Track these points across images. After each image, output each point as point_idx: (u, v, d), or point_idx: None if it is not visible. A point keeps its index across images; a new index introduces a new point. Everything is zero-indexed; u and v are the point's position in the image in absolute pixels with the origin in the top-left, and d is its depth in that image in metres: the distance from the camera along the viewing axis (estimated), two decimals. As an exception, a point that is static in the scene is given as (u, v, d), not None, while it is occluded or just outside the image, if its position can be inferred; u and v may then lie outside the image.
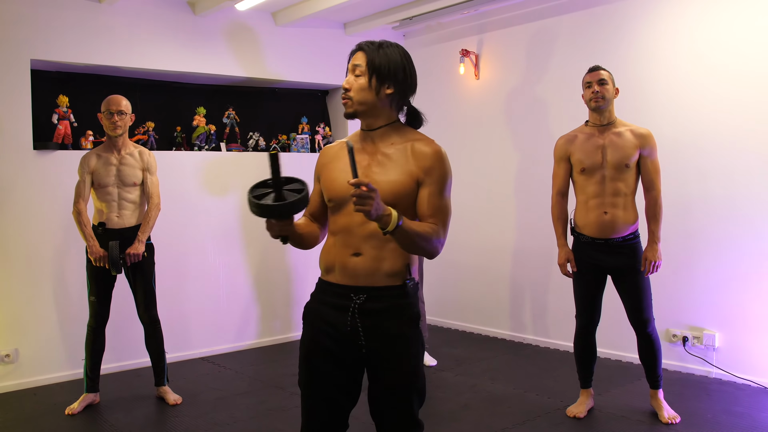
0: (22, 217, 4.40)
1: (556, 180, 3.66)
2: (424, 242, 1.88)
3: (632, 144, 3.41)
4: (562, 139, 3.63)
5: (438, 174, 1.96)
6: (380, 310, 1.97)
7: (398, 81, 2.04)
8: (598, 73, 3.45)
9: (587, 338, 3.66)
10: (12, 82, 4.35)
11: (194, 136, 5.24)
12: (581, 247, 3.57)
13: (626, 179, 3.43)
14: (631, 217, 3.45)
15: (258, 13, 5.39)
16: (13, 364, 4.36)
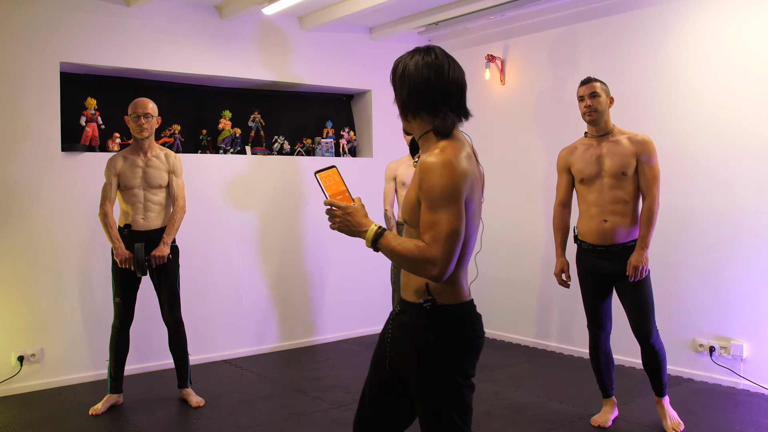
0: (49, 218, 4.46)
1: (558, 191, 3.72)
2: (404, 261, 1.79)
3: (629, 151, 3.42)
4: (564, 151, 3.68)
5: (425, 187, 1.81)
6: (403, 325, 1.97)
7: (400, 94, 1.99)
8: (591, 86, 3.47)
9: (600, 347, 3.63)
10: (41, 85, 4.42)
11: (219, 139, 5.28)
12: (583, 254, 3.60)
13: (625, 187, 3.44)
14: (630, 224, 3.46)
15: (284, 18, 5.41)
16: (38, 364, 4.41)
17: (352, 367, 4.89)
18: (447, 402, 1.90)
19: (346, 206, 1.86)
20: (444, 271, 1.78)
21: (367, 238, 1.83)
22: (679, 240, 4.46)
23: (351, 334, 5.82)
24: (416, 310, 1.92)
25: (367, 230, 1.84)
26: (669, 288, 4.46)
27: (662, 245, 4.38)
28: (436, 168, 1.80)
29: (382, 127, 5.98)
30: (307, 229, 5.57)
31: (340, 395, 4.21)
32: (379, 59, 5.94)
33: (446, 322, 1.91)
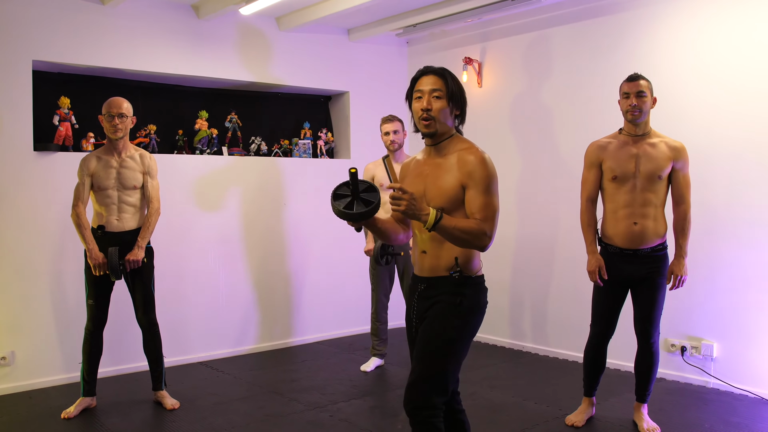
0: (21, 218, 4.39)
1: (585, 186, 3.58)
2: (465, 235, 2.23)
3: (666, 156, 3.38)
4: (594, 145, 3.56)
5: (480, 176, 2.29)
6: (431, 296, 2.40)
7: (463, 105, 2.43)
8: (637, 84, 3.37)
9: (600, 347, 3.62)
10: (13, 83, 4.35)
11: (196, 140, 5.24)
12: (609, 257, 3.51)
13: (657, 190, 3.39)
14: (660, 228, 3.42)
15: (262, 18, 5.39)
16: (9, 367, 4.34)
17: (329, 368, 4.88)
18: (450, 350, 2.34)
19: (412, 192, 2.18)
20: (492, 241, 2.31)
21: (430, 221, 2.19)
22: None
23: (328, 336, 5.81)
24: (447, 281, 2.36)
25: (429, 213, 2.20)
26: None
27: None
28: (487, 161, 2.33)
29: (359, 129, 5.98)
30: (285, 231, 5.55)
31: (316, 396, 4.20)
32: (357, 61, 5.95)
33: (471, 289, 2.38)
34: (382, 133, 4.67)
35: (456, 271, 2.34)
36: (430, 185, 2.37)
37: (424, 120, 2.35)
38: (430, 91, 2.35)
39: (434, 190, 2.35)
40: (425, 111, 2.34)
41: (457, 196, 2.32)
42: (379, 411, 4.00)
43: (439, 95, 2.34)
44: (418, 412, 2.31)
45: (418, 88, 2.37)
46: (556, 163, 5.11)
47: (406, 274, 4.71)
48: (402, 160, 4.72)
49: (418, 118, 2.37)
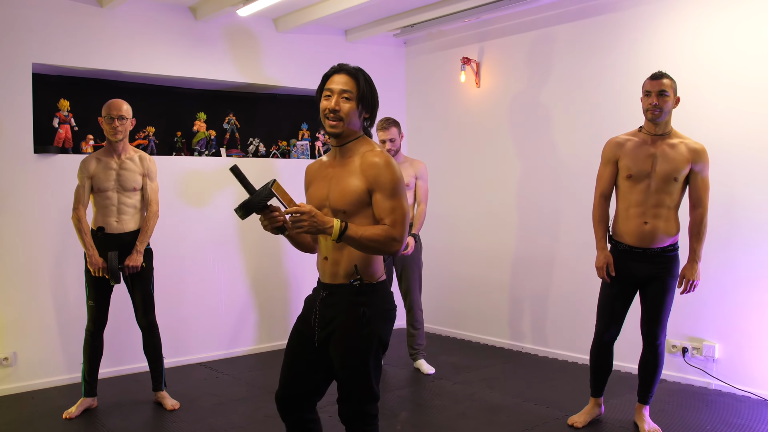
0: (22, 221, 4.40)
1: (600, 182, 3.56)
2: (373, 243, 2.19)
3: (684, 158, 3.34)
4: (612, 142, 3.52)
5: (384, 180, 2.23)
6: (333, 305, 2.33)
7: (374, 108, 2.37)
8: (660, 83, 3.32)
9: (604, 347, 3.59)
10: (13, 86, 4.36)
11: (194, 142, 5.25)
12: (618, 255, 3.49)
13: (672, 192, 3.36)
14: (672, 229, 3.39)
15: (259, 19, 5.40)
16: (11, 368, 4.36)
17: (329, 369, 4.88)
18: (368, 362, 2.31)
19: (309, 209, 2.11)
20: (403, 245, 2.25)
21: (334, 232, 2.14)
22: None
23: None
24: (347, 289, 2.30)
25: (332, 225, 2.15)
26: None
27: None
28: (392, 164, 2.26)
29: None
30: (284, 231, 5.55)
31: (316, 397, 4.20)
32: (354, 61, 5.85)
33: (372, 297, 2.31)
34: (379, 139, 4.66)
35: (356, 279, 2.28)
36: (333, 188, 2.30)
37: (330, 120, 2.27)
38: (340, 91, 2.27)
39: (337, 193, 2.28)
40: (332, 112, 2.26)
41: (361, 199, 2.25)
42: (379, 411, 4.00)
43: (348, 96, 2.27)
44: (354, 425, 2.36)
45: (328, 87, 2.29)
46: (555, 164, 5.11)
47: (405, 275, 4.71)
48: (399, 161, 4.72)
49: (323, 116, 2.29)
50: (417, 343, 4.80)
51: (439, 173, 5.87)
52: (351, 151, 2.31)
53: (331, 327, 2.33)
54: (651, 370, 3.52)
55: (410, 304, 4.75)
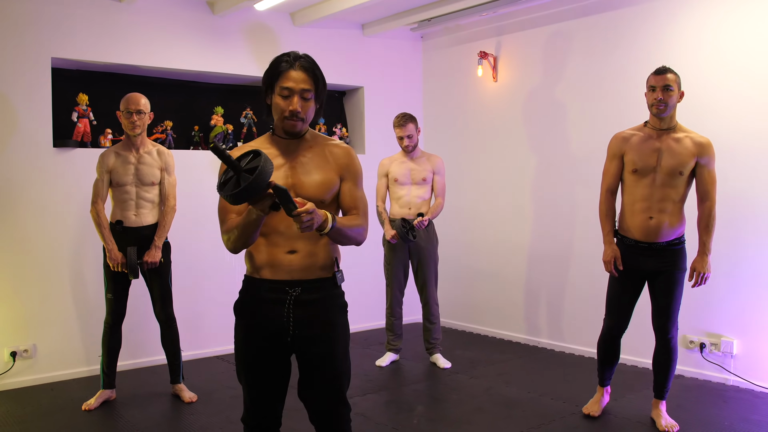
0: (41, 214, 4.45)
1: (606, 177, 3.57)
2: (353, 233, 2.14)
3: (689, 152, 3.34)
4: (618, 137, 3.52)
5: (355, 169, 2.24)
6: (314, 301, 2.18)
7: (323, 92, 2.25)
8: (664, 78, 3.32)
9: (613, 340, 3.61)
10: (33, 80, 4.40)
11: (212, 136, 5.27)
12: (624, 249, 3.50)
13: (677, 186, 3.36)
14: (677, 223, 3.39)
15: (276, 14, 5.41)
16: (31, 359, 4.41)
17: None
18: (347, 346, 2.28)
19: (310, 207, 1.93)
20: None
21: (329, 224, 2.03)
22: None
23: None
24: (329, 282, 2.22)
25: (327, 218, 2.02)
26: (659, 284, 4.49)
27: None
28: (355, 154, 2.28)
29: (374, 124, 5.98)
30: (300, 226, 5.56)
31: (332, 391, 4.22)
32: (371, 56, 5.94)
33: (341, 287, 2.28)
34: (396, 136, 4.67)
35: (339, 271, 2.23)
36: (304, 178, 2.14)
37: (292, 121, 2.12)
38: (301, 91, 2.11)
39: (311, 185, 2.14)
40: (295, 114, 2.11)
41: (335, 188, 2.19)
42: (395, 405, 4.02)
43: (308, 96, 2.13)
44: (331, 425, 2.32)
45: (285, 85, 2.10)
46: (571, 158, 5.08)
47: (421, 269, 4.71)
48: (417, 156, 4.73)
49: (281, 116, 2.13)
50: (433, 337, 4.80)
51: (455, 167, 5.86)
52: (310, 142, 2.21)
53: (314, 327, 2.18)
54: (664, 364, 3.51)
55: (426, 299, 4.75)
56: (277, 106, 2.14)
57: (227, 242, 2.17)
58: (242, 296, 2.28)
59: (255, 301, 2.21)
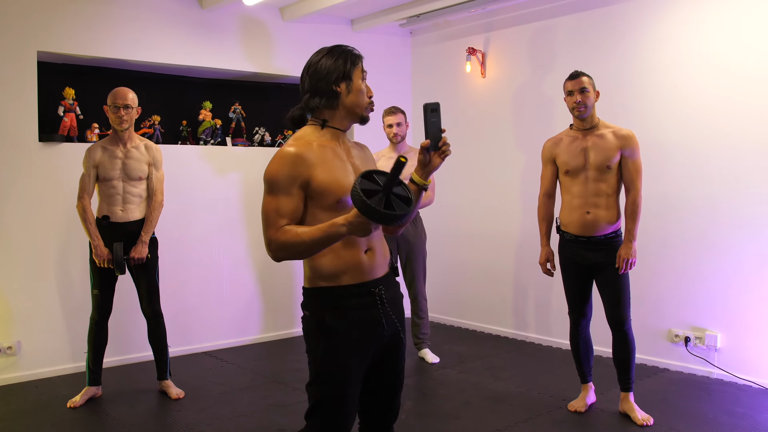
0: (27, 209, 4.41)
1: (543, 181, 3.77)
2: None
3: (614, 146, 3.49)
4: (549, 142, 3.72)
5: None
6: (393, 298, 2.11)
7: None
8: (579, 81, 3.49)
9: (580, 334, 3.73)
10: (18, 74, 4.36)
11: (200, 131, 5.25)
12: (566, 244, 3.67)
13: (608, 180, 3.51)
14: (613, 216, 3.53)
15: (265, 8, 5.38)
16: (15, 356, 4.37)
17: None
18: None
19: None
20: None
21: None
22: (656, 232, 4.52)
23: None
24: (393, 276, 2.17)
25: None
26: (646, 279, 4.53)
27: (639, 237, 4.41)
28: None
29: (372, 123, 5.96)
30: (288, 221, 5.55)
31: (320, 386, 4.22)
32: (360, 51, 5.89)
33: None
34: (385, 125, 4.67)
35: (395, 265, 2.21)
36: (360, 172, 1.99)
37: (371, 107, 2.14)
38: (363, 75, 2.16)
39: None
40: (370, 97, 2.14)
41: None
42: (383, 400, 4.02)
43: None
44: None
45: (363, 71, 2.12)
46: (560, 154, 5.09)
47: (409, 264, 4.72)
48: (404, 151, 4.73)
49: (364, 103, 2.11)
50: (421, 332, 4.81)
51: (444, 163, 5.84)
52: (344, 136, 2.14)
53: (400, 325, 2.10)
54: (624, 356, 3.58)
55: (415, 293, 4.76)
56: (362, 92, 2.08)
57: (281, 251, 1.90)
58: (324, 312, 2.00)
59: (345, 312, 2.00)
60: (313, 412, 2.04)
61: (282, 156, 1.93)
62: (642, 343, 4.51)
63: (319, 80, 2.04)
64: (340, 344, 1.99)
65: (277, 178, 1.92)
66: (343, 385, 2.00)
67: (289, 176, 1.91)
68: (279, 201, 1.90)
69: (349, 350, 2.00)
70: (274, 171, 1.92)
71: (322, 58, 2.07)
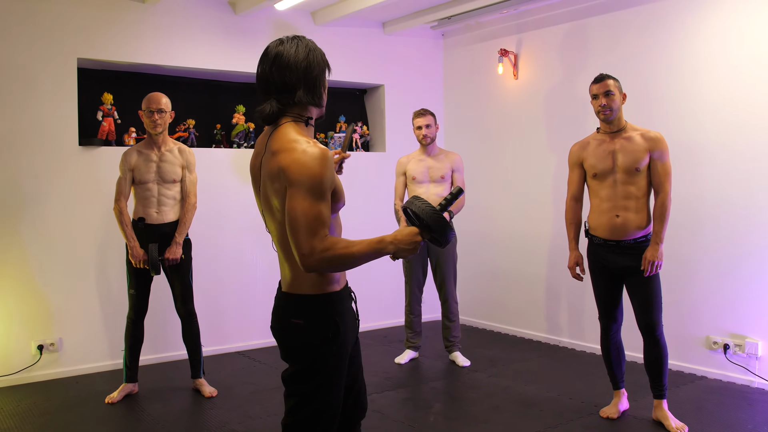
0: (67, 211, 4.54)
1: (570, 186, 3.75)
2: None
3: (642, 148, 3.44)
4: (576, 146, 3.70)
5: None
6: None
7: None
8: (605, 84, 3.47)
9: (611, 339, 3.67)
10: (59, 80, 4.49)
11: (233, 134, 5.33)
12: (594, 248, 3.62)
13: (637, 182, 3.47)
14: (643, 220, 3.48)
15: (297, 13, 5.44)
16: (57, 353, 4.51)
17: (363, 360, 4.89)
18: None
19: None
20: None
21: None
22: (694, 236, 4.42)
23: (363, 328, 5.83)
24: None
25: None
26: (683, 284, 4.43)
27: (676, 241, 4.36)
28: None
29: (395, 122, 5.99)
30: (321, 223, 5.60)
31: (350, 388, 4.24)
32: (392, 54, 5.95)
33: None
34: (414, 127, 4.68)
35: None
36: None
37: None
38: None
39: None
40: None
41: None
42: (412, 403, 4.02)
43: None
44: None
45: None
46: (594, 156, 5.02)
47: (439, 267, 4.71)
48: (434, 153, 4.72)
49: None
50: (452, 335, 4.80)
51: (476, 165, 5.84)
52: None
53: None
54: (656, 362, 3.52)
55: (445, 296, 4.75)
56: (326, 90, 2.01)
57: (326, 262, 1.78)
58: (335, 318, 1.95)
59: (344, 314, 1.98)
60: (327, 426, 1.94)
61: (323, 157, 1.78)
62: (678, 349, 4.43)
63: (312, 75, 1.91)
64: (345, 350, 1.97)
65: (322, 181, 1.76)
66: (341, 391, 1.97)
67: (330, 179, 1.81)
68: (321, 206, 1.76)
69: (347, 354, 1.99)
70: (318, 173, 1.75)
71: (308, 51, 1.91)
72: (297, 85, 1.88)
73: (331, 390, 1.94)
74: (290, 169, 1.76)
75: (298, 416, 1.93)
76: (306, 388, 1.92)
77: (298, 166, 1.76)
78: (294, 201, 1.75)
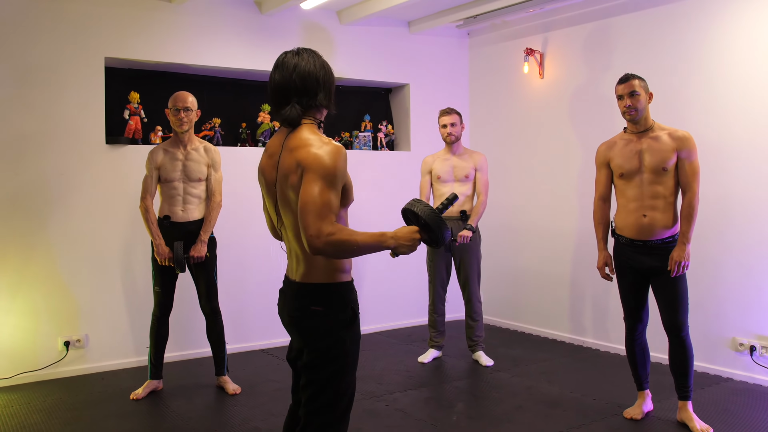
0: (94, 208, 4.60)
1: (598, 186, 3.73)
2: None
3: (669, 147, 3.41)
4: (603, 146, 3.68)
5: None
6: None
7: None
8: (630, 84, 3.44)
9: (636, 340, 3.64)
10: (87, 79, 4.56)
11: (259, 133, 5.36)
12: (621, 248, 3.60)
13: (665, 182, 3.43)
14: (669, 219, 3.44)
15: (323, 12, 5.46)
16: (83, 349, 4.57)
17: (386, 359, 4.92)
18: None
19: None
20: None
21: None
22: (721, 236, 4.36)
23: (386, 327, 5.85)
24: None
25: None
26: (709, 285, 4.38)
27: (703, 241, 4.30)
28: None
29: (420, 121, 5.99)
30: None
31: (372, 386, 4.25)
32: (417, 53, 5.94)
33: None
34: (440, 125, 4.68)
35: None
36: None
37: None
38: None
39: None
40: None
41: None
42: (435, 402, 4.02)
43: None
44: None
45: None
46: (620, 155, 4.97)
47: (463, 266, 4.70)
48: (459, 152, 4.71)
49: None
50: (476, 334, 4.78)
51: (501, 164, 5.82)
52: None
53: None
54: (681, 363, 3.48)
55: (469, 296, 4.74)
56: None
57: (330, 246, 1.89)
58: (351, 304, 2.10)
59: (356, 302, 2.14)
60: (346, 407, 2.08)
61: (340, 153, 1.97)
62: (704, 351, 4.37)
63: (329, 81, 2.17)
64: (359, 335, 2.12)
65: (336, 172, 1.94)
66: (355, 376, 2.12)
67: (343, 172, 1.98)
68: (331, 194, 1.92)
69: (359, 339, 2.14)
70: (333, 164, 1.93)
71: (322, 62, 2.18)
72: (317, 90, 2.11)
73: (349, 372, 2.07)
74: (307, 160, 1.95)
75: (318, 403, 2.04)
76: (324, 373, 2.03)
77: (314, 157, 1.94)
78: (307, 186, 1.92)
